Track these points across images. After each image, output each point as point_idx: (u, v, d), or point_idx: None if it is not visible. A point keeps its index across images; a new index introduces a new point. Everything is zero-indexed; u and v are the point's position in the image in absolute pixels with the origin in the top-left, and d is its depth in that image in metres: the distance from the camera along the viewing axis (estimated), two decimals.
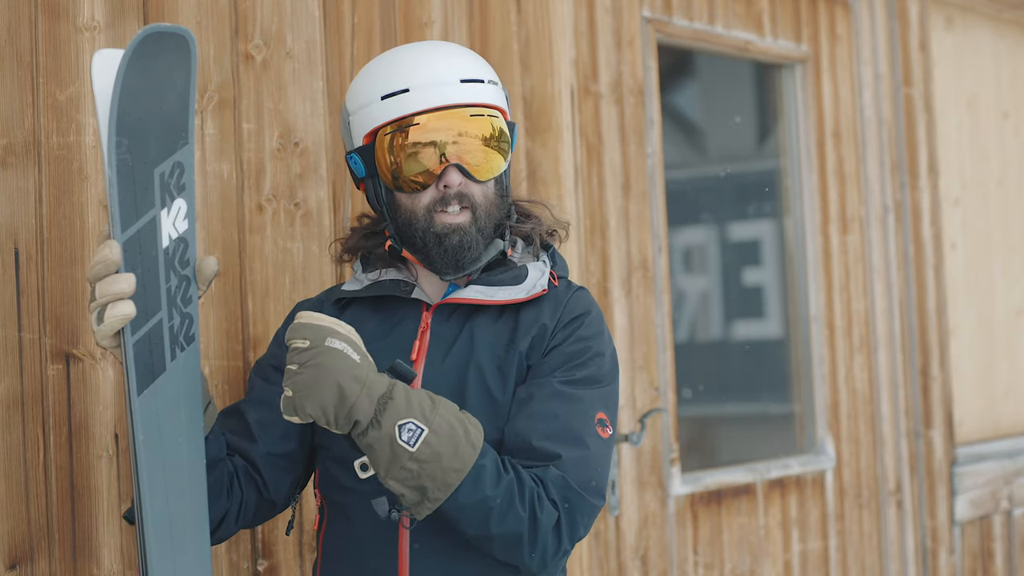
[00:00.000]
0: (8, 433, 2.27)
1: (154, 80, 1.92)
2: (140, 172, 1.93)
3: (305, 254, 2.75)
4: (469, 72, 2.23)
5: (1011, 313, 5.20)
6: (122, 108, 1.88)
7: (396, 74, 2.21)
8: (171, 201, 1.97)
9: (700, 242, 5.10)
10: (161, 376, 1.97)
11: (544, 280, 2.27)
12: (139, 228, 1.93)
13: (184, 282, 2.00)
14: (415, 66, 2.21)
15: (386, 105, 2.20)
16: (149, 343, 1.95)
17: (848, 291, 4.35)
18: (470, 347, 2.20)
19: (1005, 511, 4.96)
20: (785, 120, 4.33)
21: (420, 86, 2.18)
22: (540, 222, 2.37)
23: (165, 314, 1.97)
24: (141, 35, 1.88)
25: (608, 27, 3.57)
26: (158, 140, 1.95)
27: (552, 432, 2.10)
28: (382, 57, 2.27)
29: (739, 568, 3.89)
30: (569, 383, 2.16)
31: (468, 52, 2.29)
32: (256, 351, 2.64)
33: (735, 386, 4.86)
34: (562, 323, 2.23)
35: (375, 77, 2.23)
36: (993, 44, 5.20)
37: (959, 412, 4.83)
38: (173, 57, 1.94)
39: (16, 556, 2.28)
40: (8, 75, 2.30)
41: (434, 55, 2.24)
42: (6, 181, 2.29)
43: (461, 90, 2.20)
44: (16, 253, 2.30)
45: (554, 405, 2.13)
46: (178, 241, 1.99)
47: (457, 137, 2.18)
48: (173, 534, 1.99)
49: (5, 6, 2.31)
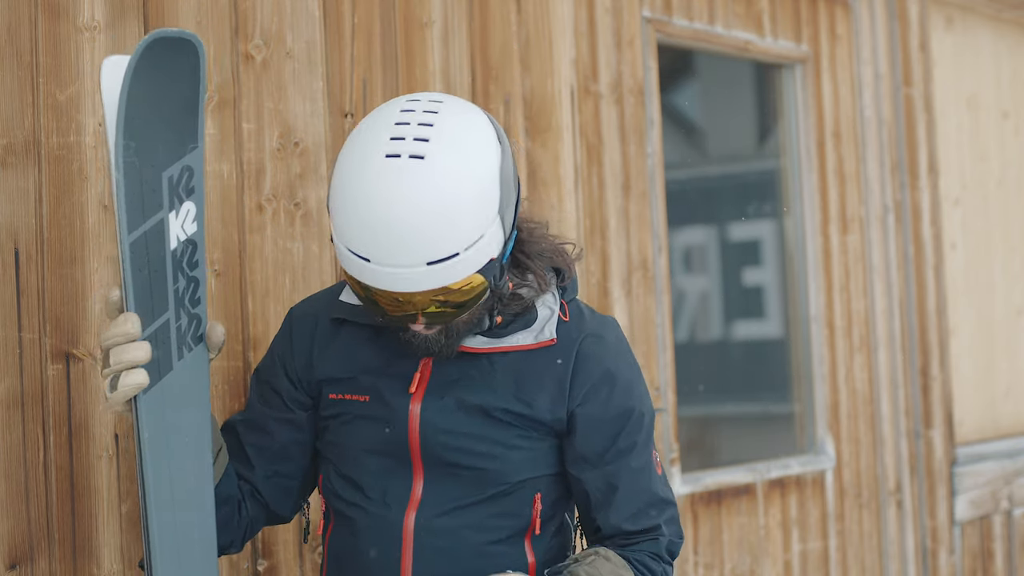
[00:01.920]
0: (8, 433, 2.27)
1: (162, 84, 1.94)
2: (148, 175, 1.95)
3: (305, 254, 2.74)
4: (437, 250, 1.93)
5: (1011, 313, 5.20)
6: (129, 112, 1.91)
7: (361, 232, 1.94)
8: (180, 204, 1.99)
9: (700, 242, 5.10)
10: (168, 375, 1.98)
11: (553, 323, 2.16)
12: (146, 230, 1.95)
13: (193, 283, 2.02)
14: (376, 235, 1.92)
15: (349, 257, 1.97)
16: (155, 343, 1.96)
17: (848, 291, 4.35)
18: (473, 386, 2.14)
19: (1005, 511, 4.96)
20: (785, 120, 4.33)
21: (382, 263, 1.94)
22: (547, 257, 2.21)
23: (172, 314, 1.99)
24: (148, 40, 1.90)
25: (608, 27, 3.57)
26: (167, 144, 1.97)
27: (639, 510, 2.20)
28: (360, 179, 1.95)
29: (739, 568, 3.89)
30: (626, 455, 2.19)
31: (450, 206, 1.93)
32: (256, 351, 2.64)
33: (735, 386, 4.86)
34: (586, 385, 2.15)
35: (346, 209, 1.96)
36: (993, 44, 5.20)
37: (959, 412, 4.83)
38: (181, 62, 1.96)
39: (16, 556, 2.28)
40: (8, 75, 2.30)
41: (401, 225, 1.91)
42: (6, 181, 2.29)
43: (427, 275, 1.94)
44: (16, 253, 2.29)
45: (626, 484, 2.19)
46: (187, 243, 2.01)
47: (409, 309, 2.00)
48: (178, 533, 2.00)
49: (5, 6, 2.31)
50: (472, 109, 2.07)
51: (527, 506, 2.18)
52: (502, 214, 2.01)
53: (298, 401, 2.24)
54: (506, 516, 2.16)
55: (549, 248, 2.21)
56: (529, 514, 2.18)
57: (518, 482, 2.16)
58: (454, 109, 2.03)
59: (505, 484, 2.15)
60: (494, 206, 1.99)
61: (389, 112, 2.02)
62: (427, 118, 1.98)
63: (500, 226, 2.01)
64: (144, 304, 1.95)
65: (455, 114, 2.01)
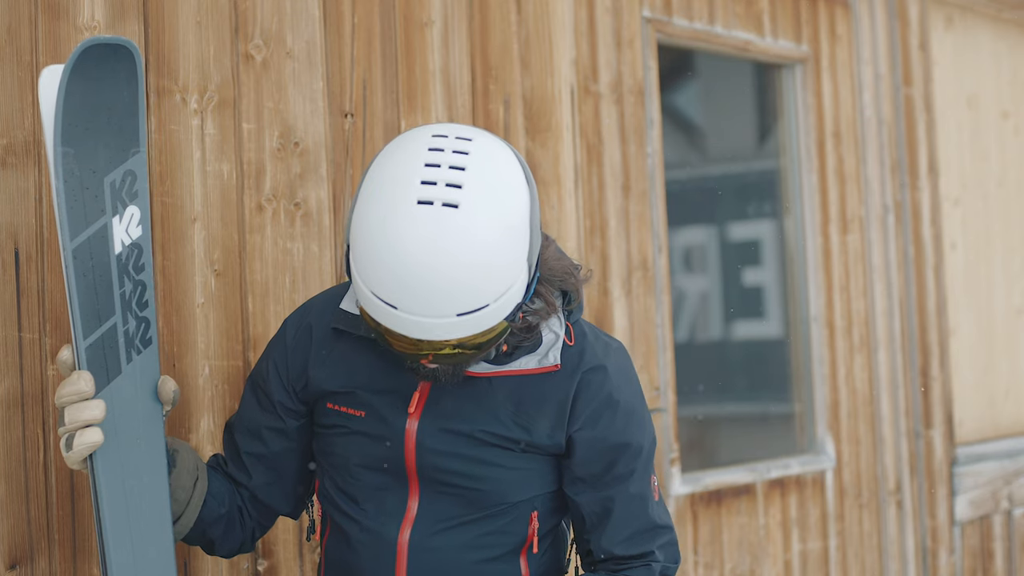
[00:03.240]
0: (8, 433, 2.27)
1: (100, 91, 1.96)
2: (88, 181, 1.97)
3: (305, 254, 2.74)
4: (469, 302, 1.90)
5: (1011, 313, 5.20)
6: (66, 119, 1.92)
7: (390, 280, 1.89)
8: (123, 208, 2.01)
9: (700, 242, 5.10)
10: (117, 379, 2.00)
11: (558, 348, 2.12)
12: (89, 235, 1.97)
13: (139, 287, 2.03)
14: (407, 286, 1.88)
15: (374, 301, 1.92)
16: (103, 347, 1.98)
17: (848, 291, 4.35)
18: (472, 409, 2.11)
19: (1005, 511, 4.96)
20: (785, 120, 4.33)
21: (410, 312, 1.90)
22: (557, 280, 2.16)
23: (119, 318, 2.00)
24: (80, 48, 1.92)
25: (608, 27, 3.57)
26: (108, 149, 1.99)
27: (632, 535, 2.17)
28: (390, 225, 1.89)
29: (739, 568, 3.89)
30: (623, 480, 2.16)
31: (485, 260, 1.89)
32: (256, 351, 2.64)
33: (735, 386, 4.86)
34: (587, 411, 2.13)
35: (373, 255, 1.90)
36: (993, 44, 5.20)
37: (959, 412, 4.82)
38: (118, 68, 1.97)
39: (16, 556, 2.28)
40: (8, 75, 2.30)
41: (435, 277, 1.87)
42: (6, 181, 2.29)
43: (454, 326, 1.91)
44: (16, 253, 2.29)
45: (621, 509, 2.17)
46: (132, 247, 2.02)
47: (449, 351, 1.97)
48: (133, 534, 2.01)
49: (5, 6, 2.31)
50: (501, 148, 2.00)
51: (524, 524, 2.16)
52: (529, 261, 1.98)
53: (291, 411, 2.22)
54: (502, 534, 2.15)
55: (560, 269, 2.16)
56: (525, 532, 2.17)
57: (515, 503, 2.15)
58: (484, 150, 1.96)
59: (502, 504, 2.14)
60: (524, 254, 1.96)
61: (416, 149, 1.94)
62: (458, 160, 1.91)
63: (527, 271, 1.99)
64: (89, 309, 1.96)
65: (486, 157, 1.95)
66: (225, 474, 2.27)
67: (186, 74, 2.55)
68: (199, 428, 2.54)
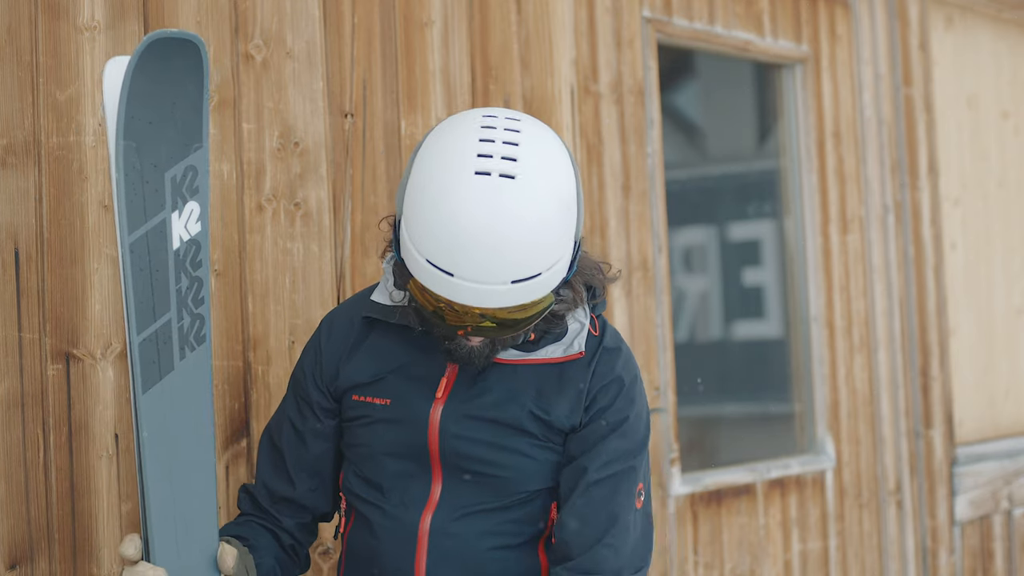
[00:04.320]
0: (8, 433, 2.27)
1: (164, 85, 1.95)
2: (149, 175, 1.96)
3: (305, 254, 2.75)
4: (523, 269, 1.97)
5: (1011, 313, 5.20)
6: (130, 112, 1.91)
7: (448, 247, 1.96)
8: (183, 204, 2.00)
9: (700, 242, 5.10)
10: (169, 375, 1.99)
11: (583, 337, 2.19)
12: (148, 230, 1.96)
13: (196, 283, 2.03)
14: (465, 251, 1.95)
15: (429, 269, 1.99)
16: (156, 342, 1.97)
17: (848, 291, 4.35)
18: (495, 395, 2.16)
19: (1005, 511, 4.96)
20: (785, 120, 4.33)
21: (466, 279, 1.96)
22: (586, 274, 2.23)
23: (174, 314, 2.00)
24: (148, 40, 1.90)
25: (608, 27, 3.57)
26: (170, 144, 1.98)
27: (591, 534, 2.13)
28: (449, 194, 1.96)
29: (739, 568, 3.89)
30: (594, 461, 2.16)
31: (540, 227, 1.98)
32: (256, 351, 2.64)
33: (735, 386, 4.86)
34: (597, 387, 2.18)
35: (432, 223, 1.97)
36: (993, 44, 5.20)
37: (959, 412, 4.82)
38: (183, 62, 1.97)
39: (16, 556, 2.28)
40: (8, 75, 2.30)
41: (493, 243, 1.95)
42: (6, 181, 2.29)
43: (508, 293, 1.98)
44: (16, 253, 2.29)
45: (588, 500, 2.14)
46: (190, 243, 2.01)
47: (490, 324, 2.03)
48: (178, 533, 2.01)
49: (5, 6, 2.31)
50: (547, 130, 2.10)
51: (544, 514, 2.20)
52: (576, 237, 2.08)
53: (327, 411, 2.27)
54: (522, 523, 2.18)
55: (589, 264, 2.24)
56: (545, 522, 2.20)
57: (535, 491, 2.18)
58: (534, 129, 2.07)
59: (522, 493, 2.17)
60: (572, 230, 2.05)
61: (469, 127, 2.03)
62: (511, 136, 2.01)
63: (573, 247, 2.08)
64: (145, 304, 1.95)
65: (537, 135, 2.05)
66: (264, 516, 2.29)
67: None
68: None
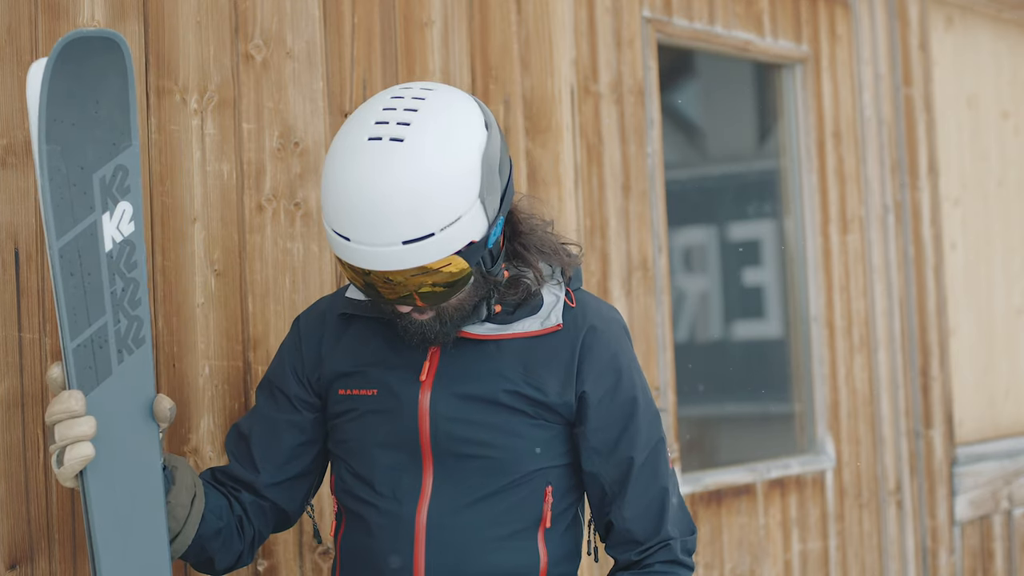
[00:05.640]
0: (8, 433, 2.27)
1: (86, 86, 1.91)
2: (76, 177, 1.92)
3: (305, 254, 2.75)
4: (412, 230, 1.97)
5: (1011, 313, 5.20)
6: (51, 115, 1.88)
7: (341, 212, 2.00)
8: (114, 205, 1.97)
9: (700, 242, 5.10)
10: (107, 379, 1.97)
11: (559, 309, 2.20)
12: (77, 234, 1.93)
13: (132, 285, 1.99)
14: (354, 213, 1.98)
15: (333, 237, 2.03)
16: (92, 347, 1.94)
17: (848, 291, 4.35)
18: (482, 373, 2.17)
19: (1005, 511, 4.96)
20: (785, 120, 4.33)
21: (360, 242, 1.98)
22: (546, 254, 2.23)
23: (110, 318, 1.97)
24: (63, 41, 1.87)
25: (608, 27, 3.57)
26: (96, 144, 1.94)
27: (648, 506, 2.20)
28: (342, 161, 2.01)
29: (739, 568, 3.89)
30: (635, 445, 2.20)
31: (424, 186, 1.97)
32: (256, 351, 2.64)
33: (735, 386, 4.86)
34: (593, 370, 2.18)
35: (328, 190, 2.02)
36: (993, 44, 5.20)
37: (959, 412, 4.83)
38: (104, 61, 1.93)
39: (16, 556, 2.28)
40: (8, 75, 2.30)
41: (376, 204, 1.96)
42: (6, 181, 2.29)
43: (402, 254, 1.98)
44: (16, 253, 2.29)
45: (638, 485, 2.20)
46: (124, 244, 1.98)
47: (401, 290, 2.04)
48: (127, 553, 1.97)
49: (5, 6, 2.31)
50: (462, 96, 2.10)
51: (538, 499, 2.19)
52: (483, 198, 2.03)
53: (305, 402, 2.26)
54: (517, 510, 2.17)
55: (549, 245, 2.24)
56: (540, 507, 2.19)
57: (528, 473, 2.18)
58: (442, 95, 2.07)
59: (515, 475, 2.17)
60: (474, 189, 2.02)
61: (380, 99, 2.07)
62: (414, 104, 2.03)
63: (482, 210, 2.03)
64: (78, 309, 1.92)
65: (442, 100, 2.06)
66: (222, 485, 2.28)
67: (186, 74, 2.55)
68: (199, 428, 2.54)
